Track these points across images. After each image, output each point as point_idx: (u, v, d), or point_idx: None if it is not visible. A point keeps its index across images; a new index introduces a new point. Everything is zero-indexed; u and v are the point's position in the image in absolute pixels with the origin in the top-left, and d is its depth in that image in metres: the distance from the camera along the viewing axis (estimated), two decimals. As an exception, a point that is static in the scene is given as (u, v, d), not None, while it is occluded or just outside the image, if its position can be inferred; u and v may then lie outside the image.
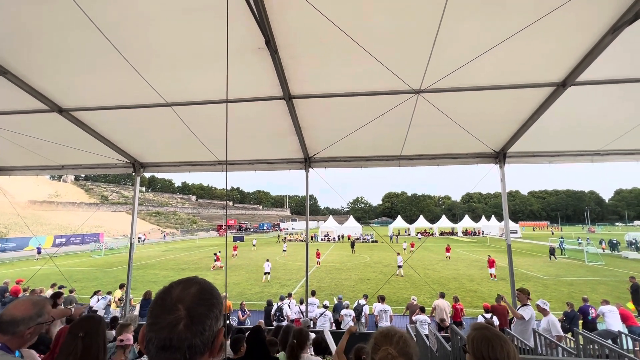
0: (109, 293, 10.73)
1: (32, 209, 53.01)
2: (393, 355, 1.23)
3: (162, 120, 5.55)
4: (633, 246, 31.75)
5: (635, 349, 5.87)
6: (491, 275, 17.97)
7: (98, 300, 9.86)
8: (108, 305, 10.13)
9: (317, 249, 25.65)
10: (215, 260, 23.35)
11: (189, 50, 3.97)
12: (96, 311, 9.42)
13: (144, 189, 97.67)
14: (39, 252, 30.01)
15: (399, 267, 19.60)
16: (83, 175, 79.87)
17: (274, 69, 4.13)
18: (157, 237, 56.44)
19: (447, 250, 26.98)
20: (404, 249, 30.89)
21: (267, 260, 18.78)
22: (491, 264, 18.11)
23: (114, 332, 4.30)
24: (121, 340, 2.94)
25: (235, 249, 31.24)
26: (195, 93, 4.87)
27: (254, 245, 37.45)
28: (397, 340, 1.28)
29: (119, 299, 10.41)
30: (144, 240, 47.42)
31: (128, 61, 4.02)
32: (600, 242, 33.69)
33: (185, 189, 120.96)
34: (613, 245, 32.07)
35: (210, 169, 7.24)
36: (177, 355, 0.73)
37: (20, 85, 4.52)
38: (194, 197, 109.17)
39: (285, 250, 31.30)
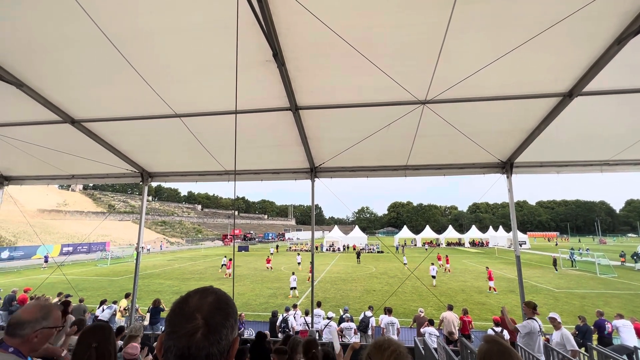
0: (115, 302, 10.73)
1: (41, 218, 53.72)
2: None
3: (170, 131, 5.65)
4: None
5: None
6: (490, 288, 17.50)
7: (103, 310, 9.85)
8: (113, 315, 10.11)
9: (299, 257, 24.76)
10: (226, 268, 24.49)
11: (198, 63, 4.07)
12: (102, 321, 9.40)
13: (150, 198, 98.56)
14: (46, 261, 30.28)
15: (434, 277, 19.71)
16: (91, 185, 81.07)
17: (281, 81, 4.20)
18: (163, 247, 56.65)
19: (447, 261, 26.08)
20: (405, 264, 28.09)
21: (293, 274, 17.64)
22: (490, 276, 17.74)
23: (120, 342, 4.29)
24: (128, 351, 2.94)
25: (268, 261, 27.82)
26: (204, 104, 4.97)
27: (272, 254, 37.00)
28: (389, 355, 1.28)
29: (124, 309, 10.40)
30: (148, 249, 47.57)
31: (139, 73, 4.14)
32: (621, 255, 30.98)
33: (191, 199, 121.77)
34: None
35: (217, 178, 7.31)
36: None
37: (35, 98, 4.66)
38: (199, 207, 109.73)
39: (299, 263, 28.67)
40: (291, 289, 16.66)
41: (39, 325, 1.64)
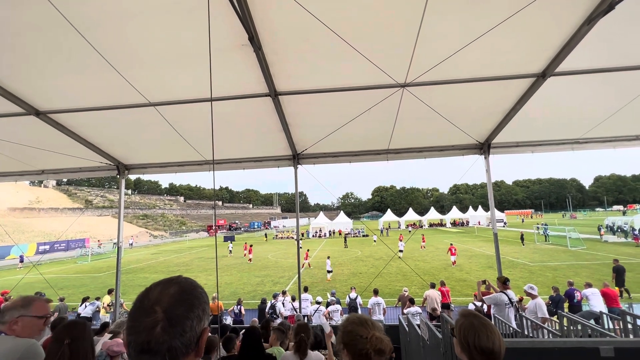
0: (97, 299, 10.51)
1: (13, 217, 51.24)
2: (382, 337, 1.27)
3: (145, 121, 5.42)
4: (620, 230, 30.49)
5: (615, 327, 6.16)
6: (453, 262, 19.36)
7: (86, 307, 9.65)
8: (97, 312, 9.93)
9: (307, 250, 25.38)
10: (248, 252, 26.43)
11: (171, 48, 3.87)
12: (86, 318, 9.22)
13: (129, 191, 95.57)
14: (21, 261, 29.05)
15: (400, 251, 24.04)
16: (65, 180, 77.64)
17: (259, 66, 4.08)
18: (146, 240, 55.52)
19: (423, 239, 29.64)
20: (374, 240, 34.73)
21: (328, 258, 18.42)
22: (452, 251, 19.64)
23: (104, 338, 4.22)
24: (112, 349, 2.89)
25: (250, 252, 26.77)
26: (179, 92, 4.77)
27: (300, 247, 35.42)
28: (372, 323, 1.33)
29: (108, 305, 10.21)
30: (130, 244, 46.50)
31: (107, 60, 3.91)
32: (599, 229, 31.32)
33: (173, 190, 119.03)
34: (623, 231, 29.47)
35: (197, 168, 7.14)
36: (157, 358, 0.72)
37: (-7, 88, 4.33)
38: (182, 198, 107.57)
39: (301, 247, 30.03)
40: (328, 272, 17.47)
41: (17, 313, 1.71)
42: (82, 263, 29.99)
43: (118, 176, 7.18)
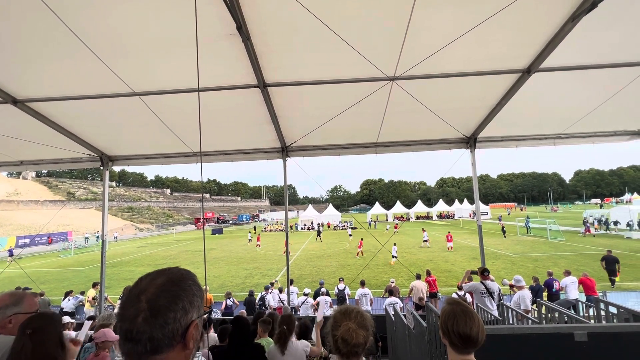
0: (82, 293, 10.32)
1: (-10, 209, 49.34)
2: (353, 328, 1.34)
3: (130, 111, 5.28)
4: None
5: (589, 314, 6.48)
6: (449, 248, 22.19)
7: (69, 300, 9.48)
8: (82, 305, 9.77)
9: (361, 239, 24.06)
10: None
11: (157, 37, 3.77)
12: (68, 312, 9.06)
13: (114, 184, 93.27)
14: (11, 255, 27.96)
15: (425, 241, 24.54)
16: (45, 172, 75.08)
17: (247, 56, 4.02)
18: (131, 234, 54.52)
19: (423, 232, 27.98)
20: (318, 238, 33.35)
21: (395, 245, 19.80)
22: (448, 238, 22.68)
23: (91, 332, 4.17)
24: (97, 338, 2.86)
25: (258, 239, 30.77)
26: (165, 82, 4.66)
27: (351, 235, 33.42)
28: (355, 315, 1.40)
29: (92, 298, 10.04)
30: (115, 237, 45.57)
31: (89, 47, 3.77)
32: (589, 223, 30.56)
33: (159, 183, 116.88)
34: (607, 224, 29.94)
35: (184, 160, 7.02)
36: (138, 347, 0.73)
37: (-34, 74, 4.13)
38: (168, 191, 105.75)
39: (351, 235, 32.34)
40: (393, 257, 18.52)
41: (11, 311, 1.64)
42: (65, 257, 29.26)
43: (101, 168, 7.00)
